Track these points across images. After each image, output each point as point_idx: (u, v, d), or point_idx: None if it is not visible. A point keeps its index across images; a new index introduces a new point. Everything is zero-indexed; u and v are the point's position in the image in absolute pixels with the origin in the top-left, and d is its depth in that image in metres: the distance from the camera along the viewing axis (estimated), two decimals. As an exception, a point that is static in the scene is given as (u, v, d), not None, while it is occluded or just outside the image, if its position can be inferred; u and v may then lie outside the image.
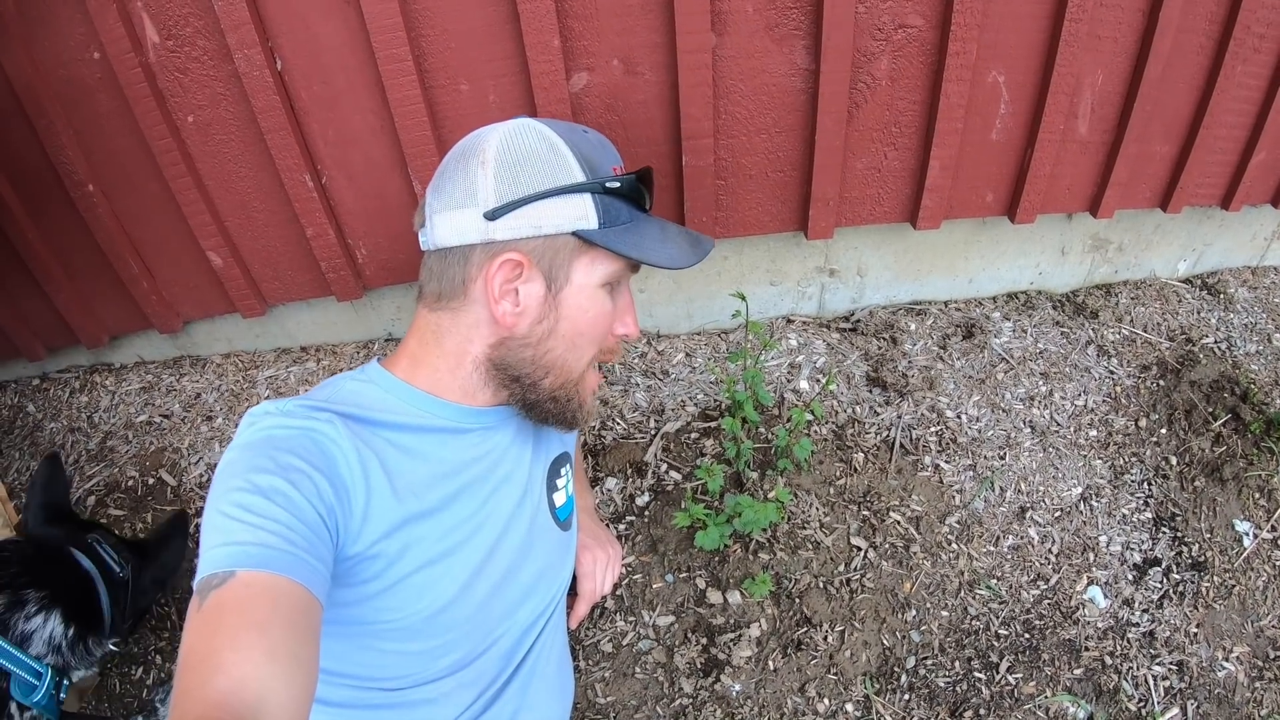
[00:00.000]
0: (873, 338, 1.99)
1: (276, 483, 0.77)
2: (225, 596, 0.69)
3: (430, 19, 1.50)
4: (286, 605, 0.70)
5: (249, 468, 0.79)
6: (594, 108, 1.60)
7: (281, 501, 0.76)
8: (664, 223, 1.03)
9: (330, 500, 0.82)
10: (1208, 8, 1.68)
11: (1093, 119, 1.77)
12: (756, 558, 1.59)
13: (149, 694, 1.58)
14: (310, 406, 0.89)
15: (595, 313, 0.97)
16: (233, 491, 0.76)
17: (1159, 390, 1.91)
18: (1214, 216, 2.12)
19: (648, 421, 1.82)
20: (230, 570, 0.70)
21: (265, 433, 0.85)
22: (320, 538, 0.79)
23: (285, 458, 0.81)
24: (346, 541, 0.85)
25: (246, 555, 0.71)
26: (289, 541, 0.74)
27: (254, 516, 0.74)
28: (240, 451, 0.83)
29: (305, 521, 0.77)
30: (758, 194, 1.74)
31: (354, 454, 0.87)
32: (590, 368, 1.02)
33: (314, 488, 0.80)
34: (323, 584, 0.76)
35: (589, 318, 0.97)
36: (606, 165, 0.97)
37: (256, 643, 0.66)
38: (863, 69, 1.61)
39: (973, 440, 1.81)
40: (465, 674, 1.02)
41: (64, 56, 1.58)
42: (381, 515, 0.88)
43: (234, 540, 0.72)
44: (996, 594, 1.60)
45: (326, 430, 0.86)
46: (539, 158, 0.92)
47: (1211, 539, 1.69)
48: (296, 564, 0.73)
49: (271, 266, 1.83)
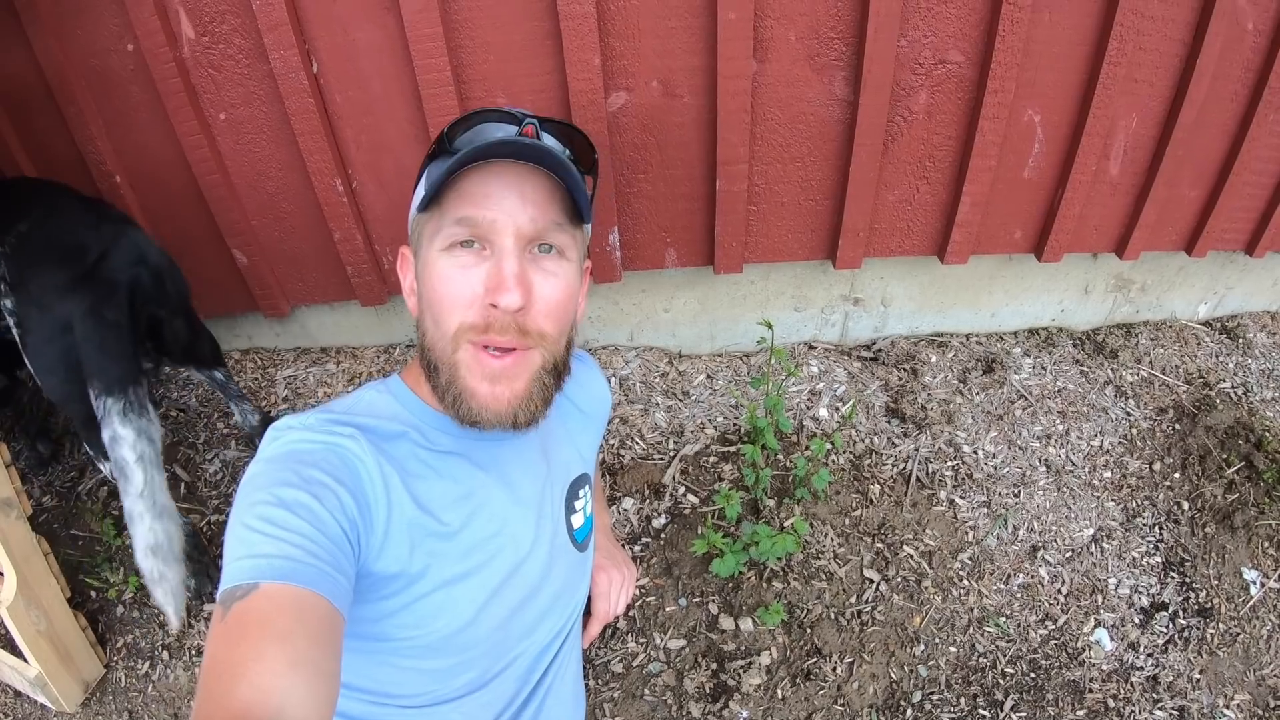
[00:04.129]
0: (893, 368, 2.00)
1: (300, 496, 0.78)
2: (249, 608, 0.69)
3: (471, 30, 1.49)
4: (309, 617, 0.71)
5: (273, 481, 0.79)
6: (630, 127, 1.59)
7: (305, 515, 0.77)
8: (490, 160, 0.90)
9: (353, 514, 0.82)
10: (1244, 56, 1.68)
11: (1125, 161, 1.77)
12: (770, 586, 1.59)
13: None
14: (334, 420, 0.89)
15: (435, 280, 0.91)
16: (257, 505, 0.77)
17: (1174, 434, 1.92)
18: (1237, 261, 2.13)
19: (667, 442, 1.82)
20: (254, 582, 0.71)
21: (289, 447, 0.85)
22: (343, 551, 0.79)
23: (309, 471, 0.81)
24: (368, 556, 0.85)
25: (271, 567, 0.72)
26: (312, 555, 0.74)
27: (278, 529, 0.75)
28: (265, 465, 0.83)
29: (328, 535, 0.78)
30: (789, 221, 1.74)
31: (376, 469, 0.87)
32: (467, 348, 0.91)
33: (337, 501, 0.81)
34: (345, 597, 0.77)
35: (432, 284, 0.91)
36: (477, 129, 0.96)
37: (279, 654, 0.67)
38: (901, 102, 1.61)
39: (988, 476, 1.81)
40: (483, 693, 1.03)
41: (97, 47, 1.57)
42: (402, 531, 0.89)
43: (258, 553, 0.73)
44: (1005, 632, 1.61)
45: (350, 445, 0.87)
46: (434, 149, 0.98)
47: (1219, 586, 1.70)
48: (320, 577, 0.74)
49: (296, 267, 1.82)
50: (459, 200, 0.88)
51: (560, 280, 0.93)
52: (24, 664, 1.53)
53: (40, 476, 1.91)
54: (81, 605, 1.68)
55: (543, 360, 0.94)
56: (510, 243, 0.88)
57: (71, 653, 1.57)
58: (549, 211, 0.91)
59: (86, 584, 1.72)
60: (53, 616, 1.53)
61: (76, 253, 1.35)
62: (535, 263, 0.91)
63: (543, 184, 0.91)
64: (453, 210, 0.88)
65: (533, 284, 0.90)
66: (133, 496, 1.31)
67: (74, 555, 1.75)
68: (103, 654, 1.65)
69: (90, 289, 1.32)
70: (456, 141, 0.94)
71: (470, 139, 0.92)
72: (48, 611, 1.52)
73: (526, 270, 0.89)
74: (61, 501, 1.86)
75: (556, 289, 0.92)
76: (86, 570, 1.73)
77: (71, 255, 1.34)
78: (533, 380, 0.93)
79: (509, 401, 0.92)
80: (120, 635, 1.67)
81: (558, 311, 0.93)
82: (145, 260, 1.41)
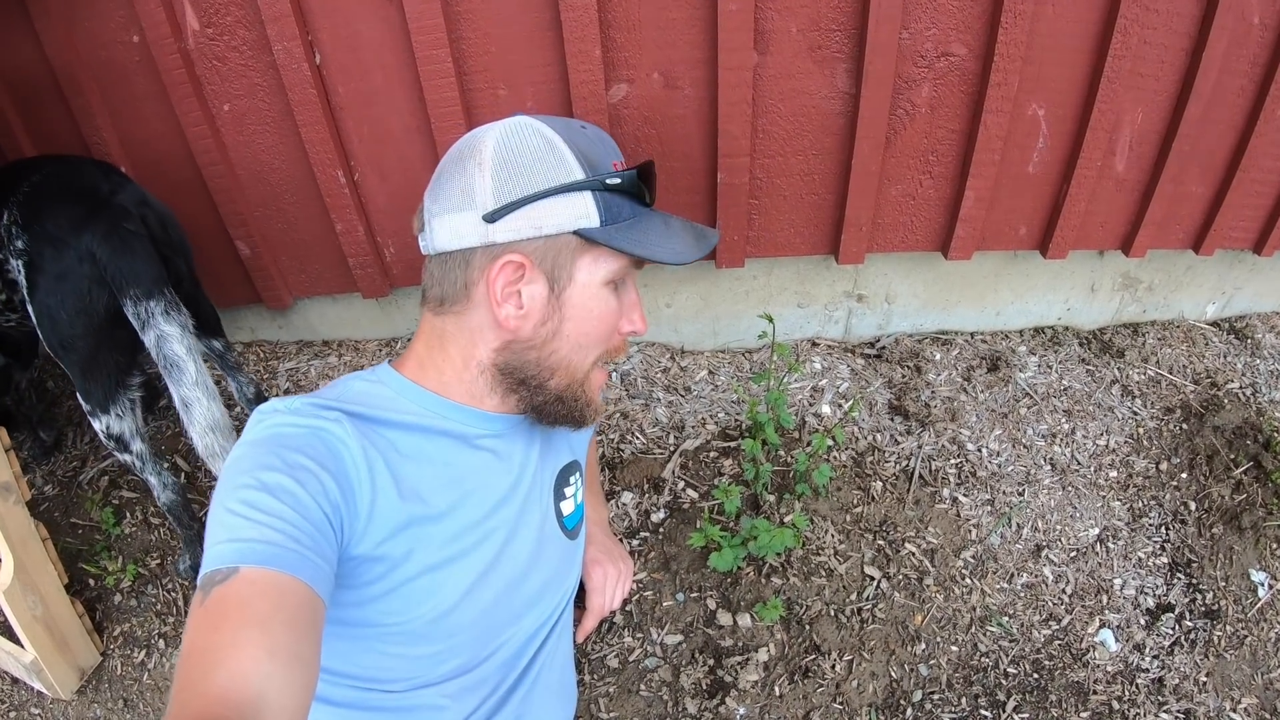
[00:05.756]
0: (897, 365, 1.98)
1: (283, 480, 0.77)
2: (228, 592, 0.69)
3: (472, 22, 1.50)
4: (289, 603, 0.70)
5: (256, 465, 0.79)
6: (632, 119, 1.59)
7: (287, 499, 0.76)
8: (667, 216, 1.01)
9: (336, 499, 0.82)
10: (1251, 50, 1.67)
11: (1130, 157, 1.76)
12: (769, 582, 1.58)
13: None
14: (318, 405, 0.88)
15: (600, 312, 0.95)
16: (239, 489, 0.76)
17: (1181, 434, 1.90)
18: (1245, 260, 2.10)
19: (667, 437, 1.81)
20: (234, 567, 0.70)
21: (273, 430, 0.85)
22: (325, 536, 0.78)
23: (292, 455, 0.81)
24: (351, 541, 0.85)
25: (251, 552, 0.71)
26: (294, 539, 0.74)
27: (259, 514, 0.74)
28: (248, 449, 0.82)
29: (311, 520, 0.77)
30: (791, 215, 1.73)
31: (361, 454, 0.86)
32: (596, 365, 1.00)
33: (320, 486, 0.80)
34: (326, 582, 0.76)
35: (594, 317, 0.94)
36: (606, 161, 0.95)
37: (258, 639, 0.66)
38: (903, 95, 1.60)
39: (992, 475, 1.79)
40: (468, 679, 1.02)
41: (103, 38, 1.58)
42: (386, 516, 0.88)
43: (239, 537, 0.72)
44: (1008, 632, 1.59)
45: (334, 429, 0.86)
46: (537, 156, 0.90)
47: (1226, 588, 1.67)
48: (301, 562, 0.73)
49: (299, 259, 1.83)
50: (645, 243, 0.94)
51: None
52: (20, 649, 1.53)
53: (43, 465, 1.92)
54: (79, 593, 1.69)
55: None
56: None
57: (68, 639, 1.57)
58: None
59: (85, 572, 1.72)
60: (49, 602, 1.53)
61: (90, 191, 1.43)
62: None
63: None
64: (638, 250, 0.94)
65: None
66: (188, 385, 1.42)
67: (73, 543, 1.76)
68: (99, 641, 1.65)
69: (107, 214, 1.40)
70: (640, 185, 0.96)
71: (643, 184, 0.97)
72: (44, 597, 1.52)
73: None
74: (63, 490, 1.87)
75: None
76: (85, 558, 1.73)
77: (85, 193, 1.43)
78: None
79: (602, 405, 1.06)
80: (117, 623, 1.67)
81: None
82: (150, 204, 1.50)
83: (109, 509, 1.77)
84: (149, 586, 1.71)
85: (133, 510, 1.81)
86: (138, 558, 1.74)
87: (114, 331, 1.42)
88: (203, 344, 1.67)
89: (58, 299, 1.39)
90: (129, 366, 1.50)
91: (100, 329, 1.41)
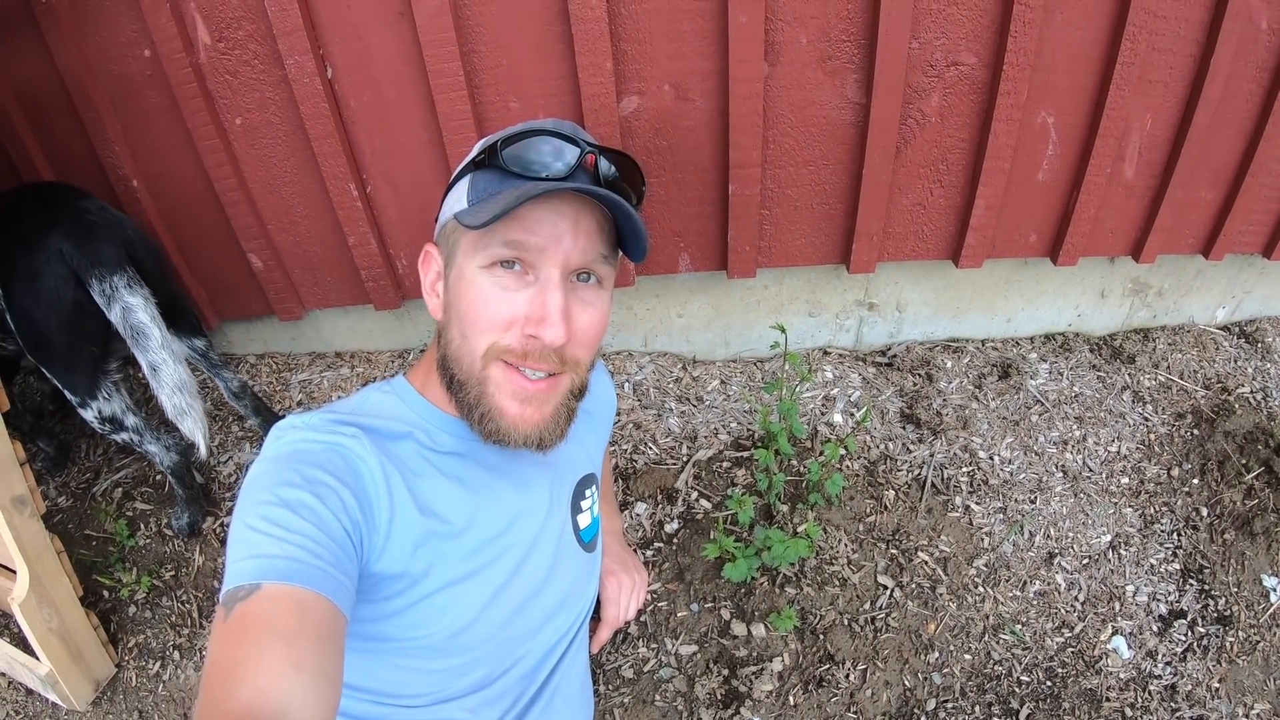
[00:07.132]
0: (908, 374, 1.98)
1: (303, 496, 0.78)
2: (251, 609, 0.69)
3: (484, 36, 1.50)
4: (312, 618, 0.71)
5: (276, 481, 0.79)
6: (643, 131, 1.59)
7: (308, 515, 0.77)
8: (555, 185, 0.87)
9: (356, 515, 0.82)
10: (1259, 55, 1.66)
11: (1139, 163, 1.76)
12: (783, 591, 1.58)
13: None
14: (336, 421, 0.89)
15: (472, 297, 0.90)
16: (259, 505, 0.77)
17: (1193, 439, 1.90)
18: (1255, 264, 2.10)
19: (680, 447, 1.81)
20: (256, 583, 0.71)
21: (292, 447, 0.85)
22: (345, 552, 0.79)
23: (312, 471, 0.81)
24: (370, 556, 0.85)
25: (273, 568, 0.72)
26: (315, 555, 0.74)
27: (280, 530, 0.75)
28: (267, 465, 0.83)
29: (331, 535, 0.78)
30: (802, 225, 1.73)
31: (379, 469, 0.87)
32: (499, 366, 0.91)
33: (340, 502, 0.81)
34: (348, 597, 0.77)
35: (466, 301, 0.90)
36: (532, 150, 0.90)
37: (281, 654, 0.67)
38: (913, 105, 1.60)
39: (1004, 482, 1.79)
40: (487, 693, 1.02)
41: (114, 52, 1.59)
42: (405, 531, 0.88)
43: (260, 553, 0.73)
44: (1021, 640, 1.59)
45: (352, 445, 0.87)
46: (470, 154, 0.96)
47: (1238, 593, 1.67)
48: (322, 577, 0.74)
49: (311, 272, 1.83)
50: (510, 221, 0.86)
51: (598, 310, 0.94)
52: (35, 661, 1.53)
53: (56, 478, 1.93)
54: (94, 604, 1.69)
55: (571, 384, 0.95)
56: (556, 274, 0.88)
57: (82, 651, 1.57)
58: (598, 244, 0.91)
59: (99, 583, 1.73)
60: (64, 614, 1.54)
61: (59, 200, 1.53)
62: (574, 291, 0.91)
63: (596, 216, 0.91)
64: (502, 230, 0.87)
65: (573, 316, 0.90)
66: (154, 350, 1.48)
67: (87, 555, 1.76)
68: (114, 653, 1.65)
69: (73, 211, 1.49)
70: (505, 154, 0.90)
71: (517, 153, 0.90)
72: (59, 609, 1.53)
73: (570, 303, 0.89)
74: (76, 502, 1.87)
75: (594, 319, 0.94)
76: (99, 570, 1.74)
77: (55, 201, 1.53)
78: (560, 403, 0.95)
79: (537, 424, 0.93)
80: (132, 635, 1.68)
81: (593, 341, 0.95)
82: (123, 220, 1.57)
83: (123, 520, 1.78)
84: (163, 598, 1.71)
85: (147, 522, 1.81)
86: (152, 569, 1.74)
87: (83, 321, 1.48)
88: (184, 344, 1.70)
89: (31, 300, 1.45)
90: (104, 355, 1.56)
91: (71, 321, 1.47)
